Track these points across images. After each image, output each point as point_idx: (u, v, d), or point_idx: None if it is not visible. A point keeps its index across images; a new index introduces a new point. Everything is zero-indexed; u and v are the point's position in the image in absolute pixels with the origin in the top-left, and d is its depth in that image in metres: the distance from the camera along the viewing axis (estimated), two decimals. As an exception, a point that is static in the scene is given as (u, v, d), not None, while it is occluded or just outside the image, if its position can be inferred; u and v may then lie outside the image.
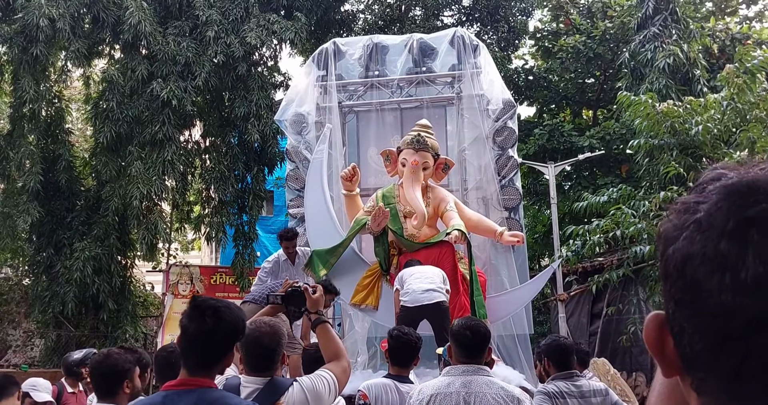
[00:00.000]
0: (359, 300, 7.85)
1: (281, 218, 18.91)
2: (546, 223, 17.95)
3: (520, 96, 18.74)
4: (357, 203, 8.26)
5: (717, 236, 0.64)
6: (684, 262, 0.66)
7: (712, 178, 0.70)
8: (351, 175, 8.10)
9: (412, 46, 9.43)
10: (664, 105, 9.40)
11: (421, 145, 7.83)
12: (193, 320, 2.33)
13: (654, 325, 0.71)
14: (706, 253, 0.64)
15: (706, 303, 0.64)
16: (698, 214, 0.66)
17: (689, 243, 0.66)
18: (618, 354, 12.61)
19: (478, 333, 3.56)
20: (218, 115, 15.22)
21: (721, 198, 0.66)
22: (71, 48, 13.75)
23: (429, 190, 8.04)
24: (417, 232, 7.77)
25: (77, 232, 14.40)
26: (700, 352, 0.66)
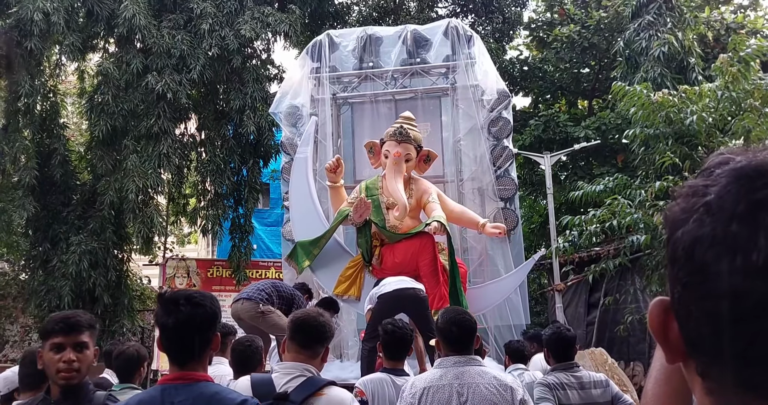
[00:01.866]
0: (342, 291, 7.88)
1: (277, 210, 18.92)
2: (542, 214, 17.96)
3: (515, 86, 18.71)
4: (341, 195, 8.28)
5: (727, 218, 0.64)
6: (693, 245, 0.66)
7: (719, 163, 0.70)
8: (335, 166, 8.11)
9: (406, 37, 9.43)
10: (658, 94, 9.38)
11: (404, 137, 7.82)
12: (170, 313, 2.32)
13: (658, 311, 0.71)
14: (716, 235, 0.64)
15: (714, 285, 0.64)
16: (707, 197, 0.66)
17: (699, 225, 0.66)
18: (615, 343, 12.65)
19: (464, 327, 3.56)
20: (213, 108, 15.19)
21: (730, 181, 0.66)
22: (66, 42, 13.69)
23: (412, 182, 8.05)
24: (399, 224, 7.77)
25: (73, 226, 14.38)
26: (707, 335, 0.66)
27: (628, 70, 13.83)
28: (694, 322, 0.66)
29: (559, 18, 18.16)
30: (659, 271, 9.50)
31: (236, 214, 15.07)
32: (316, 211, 8.44)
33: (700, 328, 0.66)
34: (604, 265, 10.16)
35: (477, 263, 8.83)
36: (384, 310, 6.31)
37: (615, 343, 12.63)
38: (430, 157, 8.23)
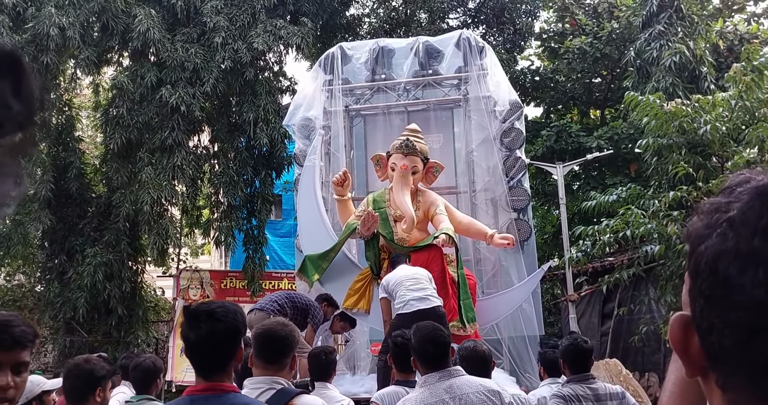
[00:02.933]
0: (351, 304, 7.87)
1: (290, 221, 18.98)
2: (555, 224, 17.91)
3: (527, 97, 18.70)
4: (349, 208, 8.30)
5: (750, 233, 0.66)
6: (716, 259, 0.68)
7: (741, 181, 0.72)
8: (342, 180, 8.13)
9: (418, 49, 9.47)
10: (671, 104, 9.36)
11: (410, 149, 7.84)
12: (192, 328, 2.35)
13: (679, 325, 0.73)
14: (739, 249, 0.66)
15: (737, 298, 0.66)
16: (730, 212, 0.68)
17: (722, 240, 0.68)
18: (630, 354, 12.57)
19: (439, 344, 3.57)
20: (226, 121, 15.30)
21: (753, 197, 0.68)
22: (81, 56, 13.87)
23: (419, 194, 8.06)
24: (407, 236, 7.78)
25: (89, 238, 14.51)
26: (730, 347, 0.67)
27: (640, 79, 13.80)
28: (717, 334, 0.68)
29: (570, 28, 18.18)
30: (673, 281, 9.44)
31: (249, 225, 15.14)
32: (323, 223, 8.46)
33: (723, 340, 0.68)
34: (618, 275, 10.11)
35: (490, 274, 8.83)
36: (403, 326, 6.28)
37: (630, 353, 12.55)
38: (437, 168, 8.24)
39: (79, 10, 13.63)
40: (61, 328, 14.52)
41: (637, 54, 13.98)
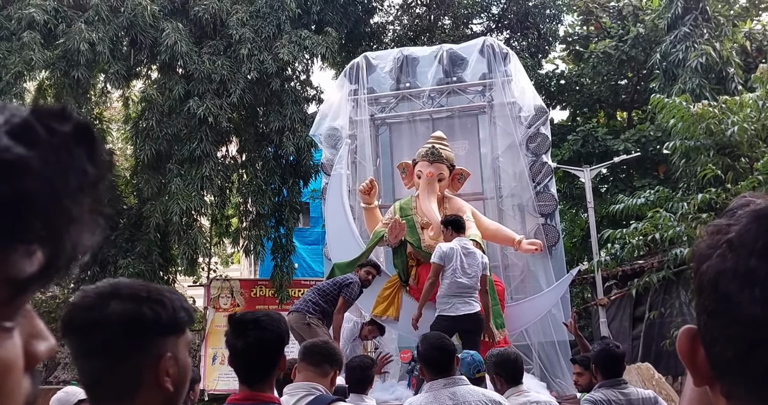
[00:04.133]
0: (380, 311, 7.92)
1: (317, 229, 19.07)
2: (584, 227, 17.78)
3: (553, 101, 18.62)
4: (376, 216, 8.37)
5: (747, 254, 0.71)
6: (717, 277, 0.73)
7: (742, 204, 0.78)
8: (369, 188, 8.20)
9: (442, 56, 9.53)
10: (698, 106, 9.32)
11: (436, 157, 7.90)
12: (239, 337, 2.40)
13: (686, 337, 0.78)
14: (737, 269, 0.71)
15: (737, 314, 0.70)
16: (730, 234, 0.74)
17: (722, 260, 0.73)
18: (663, 358, 12.42)
19: (445, 351, 3.70)
20: (254, 131, 15.46)
21: (750, 221, 0.74)
22: (111, 70, 14.12)
23: (445, 201, 8.10)
24: (434, 243, 7.78)
25: (121, 249, 14.73)
26: (731, 359, 0.72)
27: (666, 82, 13.71)
28: (720, 346, 0.73)
29: (595, 31, 18.09)
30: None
31: (278, 234, 15.27)
32: (351, 231, 8.53)
33: (725, 352, 0.72)
34: (648, 278, 10.06)
35: (519, 279, 8.83)
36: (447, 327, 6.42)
37: (662, 357, 12.40)
38: (464, 175, 8.28)
39: (108, 25, 13.90)
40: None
41: (663, 56, 13.88)
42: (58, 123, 0.57)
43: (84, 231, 0.58)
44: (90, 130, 0.59)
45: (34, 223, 0.54)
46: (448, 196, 8.21)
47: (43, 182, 0.54)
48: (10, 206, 0.53)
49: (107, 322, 1.30)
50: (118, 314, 1.30)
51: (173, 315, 1.34)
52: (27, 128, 0.56)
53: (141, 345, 1.33)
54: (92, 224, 0.58)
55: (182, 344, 1.39)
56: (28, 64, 13.59)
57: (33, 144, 0.54)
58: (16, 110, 0.58)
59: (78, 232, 0.57)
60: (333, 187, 8.84)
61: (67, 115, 0.58)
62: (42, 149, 0.55)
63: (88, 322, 1.32)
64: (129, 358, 1.32)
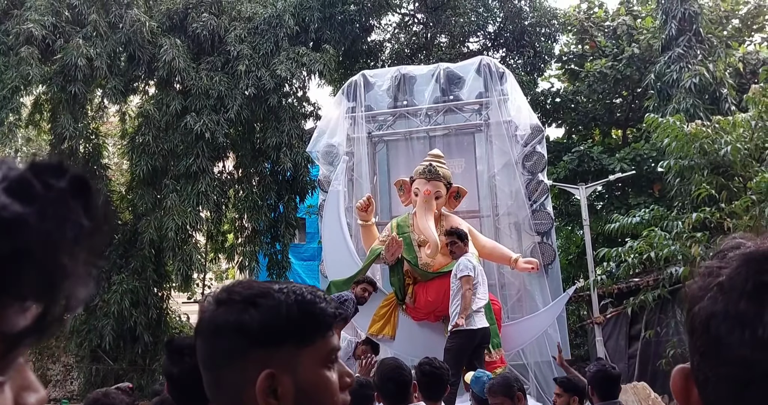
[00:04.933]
0: (376, 330, 7.90)
1: (313, 245, 19.05)
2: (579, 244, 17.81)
3: (548, 118, 18.73)
4: (373, 233, 8.37)
5: (737, 297, 0.73)
6: (708, 319, 0.75)
7: (732, 247, 0.80)
8: (366, 205, 8.21)
9: (439, 75, 9.59)
10: (692, 126, 9.39)
11: (433, 174, 7.92)
12: (175, 363, 2.23)
13: (680, 377, 0.81)
14: (728, 311, 0.73)
15: (727, 355, 0.73)
16: (720, 277, 0.76)
17: (713, 302, 0.75)
18: (659, 376, 12.40)
19: (400, 382, 3.68)
20: (250, 146, 15.48)
21: (740, 264, 0.76)
22: (108, 85, 14.18)
23: (442, 219, 8.10)
24: (431, 261, 7.81)
25: (115, 265, 14.66)
26: (723, 398, 0.74)
27: (660, 102, 13.82)
28: (712, 386, 0.75)
29: (590, 50, 18.24)
30: (700, 303, 9.39)
31: (273, 250, 15.24)
32: (348, 248, 8.53)
33: (717, 392, 0.74)
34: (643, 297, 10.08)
35: (515, 298, 8.83)
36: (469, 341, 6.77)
37: (658, 376, 12.38)
38: (460, 193, 8.29)
39: (106, 41, 13.96)
40: (87, 356, 14.62)
41: (658, 76, 14.00)
42: (54, 178, 0.58)
43: (78, 284, 0.58)
44: (86, 183, 0.60)
45: (30, 280, 0.55)
46: (445, 213, 8.21)
47: (41, 238, 0.55)
48: (7, 263, 0.54)
49: (200, 332, 1.16)
50: (207, 321, 1.14)
51: (280, 321, 1.10)
52: (24, 184, 0.56)
53: (230, 356, 1.12)
54: (86, 277, 0.59)
55: (309, 357, 1.12)
56: (26, 78, 13.62)
57: (30, 200, 0.55)
58: (13, 165, 0.59)
59: (72, 285, 0.58)
60: (330, 203, 8.85)
61: (63, 169, 0.59)
62: (39, 205, 0.55)
63: (196, 331, 1.18)
64: (222, 372, 1.14)
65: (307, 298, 1.13)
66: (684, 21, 13.66)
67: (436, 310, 7.91)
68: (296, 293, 1.13)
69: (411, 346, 8.20)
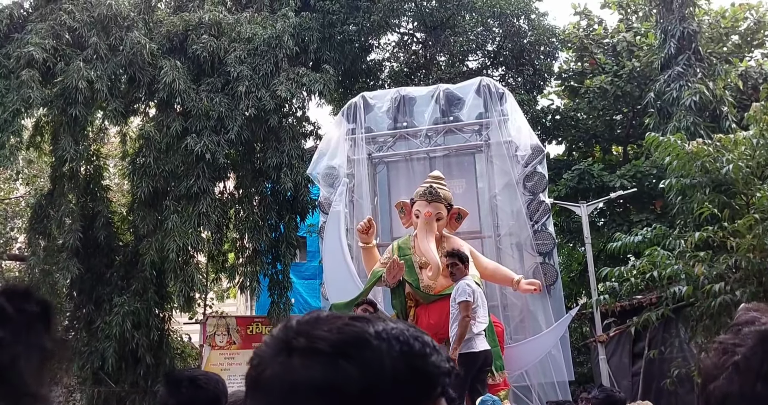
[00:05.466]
0: None
1: (314, 264, 19.00)
2: (581, 262, 17.76)
3: (548, 135, 18.74)
4: (374, 255, 8.35)
5: (753, 378, 0.72)
6: (724, 399, 0.74)
7: (746, 321, 0.78)
8: (366, 227, 8.20)
9: (438, 96, 9.61)
10: (693, 144, 9.35)
11: (434, 196, 7.91)
12: (172, 395, 2.32)
13: None
14: (743, 393, 0.72)
15: None
16: (736, 356, 0.75)
17: (728, 382, 0.74)
18: (663, 395, 12.31)
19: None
20: (251, 167, 15.48)
21: (756, 343, 0.74)
22: (109, 107, 14.20)
23: (444, 241, 8.09)
24: (433, 283, 7.80)
25: (116, 287, 14.65)
26: None
27: (661, 120, 13.82)
28: None
29: (590, 67, 18.28)
30: (704, 321, 9.32)
31: (274, 270, 15.20)
32: (349, 271, 8.52)
33: None
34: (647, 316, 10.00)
35: (518, 320, 8.80)
36: (473, 363, 6.83)
37: (663, 394, 12.29)
38: (461, 215, 8.28)
39: (106, 63, 14.01)
40: (89, 378, 14.56)
41: (657, 95, 14.02)
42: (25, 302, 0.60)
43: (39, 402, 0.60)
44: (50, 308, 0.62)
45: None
46: (447, 235, 8.19)
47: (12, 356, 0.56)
48: None
49: (263, 390, 0.88)
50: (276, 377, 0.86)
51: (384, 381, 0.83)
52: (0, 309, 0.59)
53: None
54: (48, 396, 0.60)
55: None
56: (26, 101, 13.66)
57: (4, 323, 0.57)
58: None
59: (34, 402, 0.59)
60: (331, 225, 8.85)
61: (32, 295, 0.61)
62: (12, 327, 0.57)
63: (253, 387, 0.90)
64: None
65: (415, 349, 0.86)
66: (683, 39, 13.71)
67: (438, 333, 7.84)
68: (400, 340, 0.86)
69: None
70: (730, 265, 8.56)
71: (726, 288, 8.56)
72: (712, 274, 8.71)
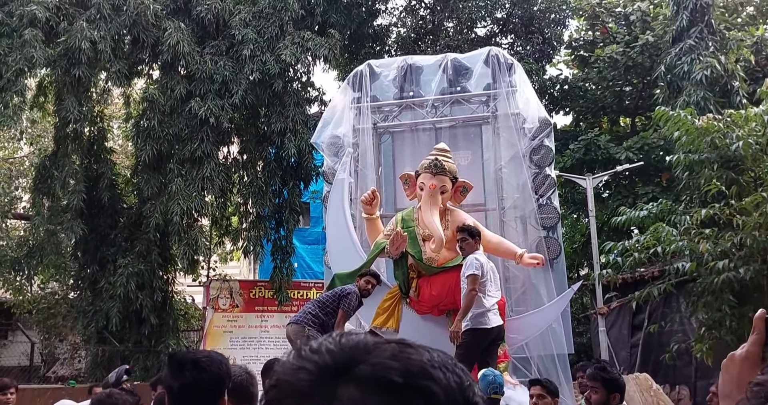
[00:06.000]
0: (380, 323, 7.91)
1: (317, 229, 19.04)
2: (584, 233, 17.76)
3: (556, 106, 18.56)
4: (377, 226, 8.31)
5: None
6: None
7: None
8: (371, 199, 8.15)
9: (446, 66, 9.46)
10: (703, 120, 9.25)
11: (439, 169, 7.83)
12: (175, 377, 2.32)
13: None
14: None
15: None
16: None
17: None
18: (661, 367, 12.44)
19: None
20: (255, 132, 15.39)
21: None
22: (112, 69, 14.04)
23: (447, 213, 8.03)
24: (435, 256, 7.77)
25: (120, 248, 14.71)
26: None
27: (670, 94, 13.64)
28: None
29: (601, 36, 17.99)
30: (705, 297, 9.35)
31: (278, 235, 15.22)
32: (352, 241, 8.48)
33: None
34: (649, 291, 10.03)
35: (520, 292, 8.78)
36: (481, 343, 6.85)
37: (661, 366, 12.42)
38: (466, 188, 8.21)
39: (110, 24, 13.82)
40: (93, 336, 14.71)
41: (668, 69, 13.81)
42: None
43: None
44: None
45: None
46: (450, 208, 8.14)
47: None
48: None
49: None
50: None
51: None
52: None
53: None
54: None
55: None
56: (30, 61, 13.52)
57: None
58: None
59: None
60: (335, 195, 8.79)
61: None
62: None
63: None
64: None
65: (464, 380, 0.82)
66: (696, 12, 13.45)
67: (440, 304, 7.90)
68: (453, 371, 0.82)
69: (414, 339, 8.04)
70: (735, 243, 8.54)
71: (730, 265, 8.56)
72: (716, 251, 8.70)
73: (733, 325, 8.86)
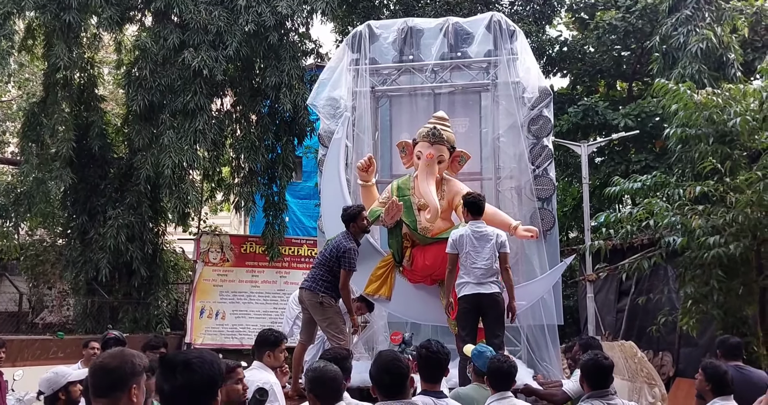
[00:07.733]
0: (372, 290, 7.95)
1: (310, 184, 19.02)
2: (576, 197, 17.80)
3: (553, 67, 18.35)
4: (373, 193, 8.25)
5: None
6: None
7: None
8: (367, 165, 8.07)
9: (447, 30, 9.26)
10: (701, 94, 9.17)
11: (437, 138, 7.73)
12: (167, 379, 2.29)
13: None
14: None
15: None
16: None
17: None
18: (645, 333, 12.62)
19: (395, 374, 3.62)
20: (249, 85, 15.14)
21: None
22: (103, 14, 13.67)
23: (444, 183, 7.96)
24: (430, 226, 7.73)
25: (110, 199, 14.62)
26: None
27: (665, 65, 13.44)
28: None
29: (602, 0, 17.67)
30: (694, 271, 9.43)
31: (270, 191, 15.14)
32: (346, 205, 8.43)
33: None
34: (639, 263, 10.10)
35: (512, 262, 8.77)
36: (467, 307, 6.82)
37: (644, 332, 12.60)
38: (464, 157, 8.14)
39: (101, -33, 13.41)
40: (83, 287, 14.74)
41: (663, 39, 13.58)
42: None
43: None
44: None
45: None
46: (447, 177, 8.08)
47: None
48: None
49: None
50: None
51: None
52: None
53: None
54: None
55: None
56: (18, 4, 13.20)
57: None
58: None
59: None
60: (330, 159, 8.69)
61: None
62: None
63: None
64: None
65: None
66: (694, -20, 13.19)
67: (432, 274, 7.91)
68: None
69: (406, 307, 8.25)
70: (727, 220, 8.57)
71: (720, 241, 8.61)
72: (708, 227, 8.73)
73: (719, 299, 8.96)
